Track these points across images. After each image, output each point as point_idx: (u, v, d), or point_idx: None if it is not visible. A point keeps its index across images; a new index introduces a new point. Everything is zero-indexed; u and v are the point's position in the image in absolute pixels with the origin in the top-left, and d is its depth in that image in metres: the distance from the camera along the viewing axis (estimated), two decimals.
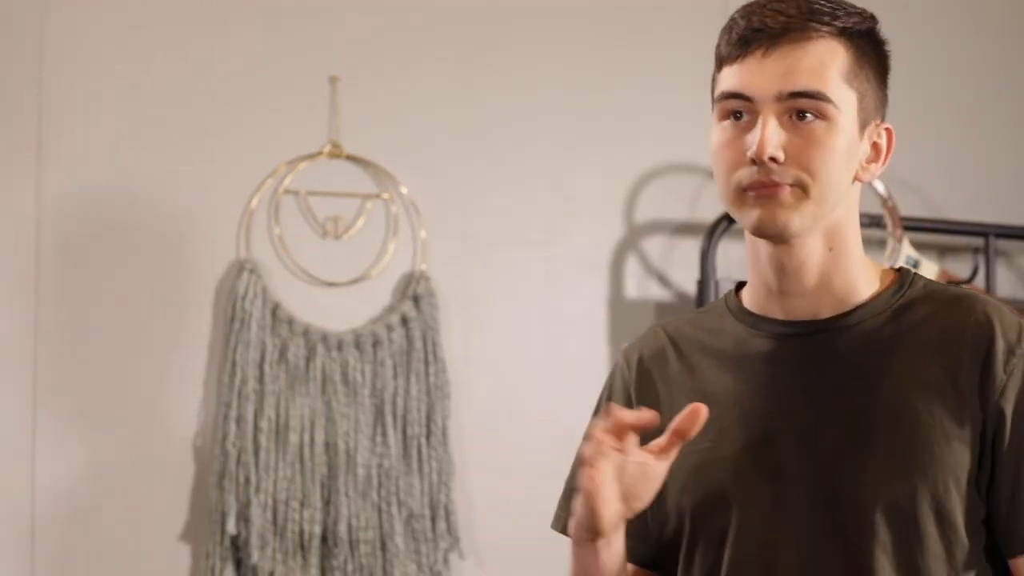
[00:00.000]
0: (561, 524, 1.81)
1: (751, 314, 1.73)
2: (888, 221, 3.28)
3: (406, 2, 3.10)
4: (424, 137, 3.08)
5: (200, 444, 2.89)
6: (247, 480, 2.84)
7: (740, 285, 1.80)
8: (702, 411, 1.58)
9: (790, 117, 1.62)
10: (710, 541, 1.67)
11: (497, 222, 3.13)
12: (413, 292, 3.02)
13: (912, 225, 3.33)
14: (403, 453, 2.96)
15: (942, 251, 3.48)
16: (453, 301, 3.07)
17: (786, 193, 1.61)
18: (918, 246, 3.35)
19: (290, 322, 2.93)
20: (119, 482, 2.84)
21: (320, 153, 3.00)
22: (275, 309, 2.92)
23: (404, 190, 3.05)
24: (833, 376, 1.66)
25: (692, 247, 3.23)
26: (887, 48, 1.72)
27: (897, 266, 1.78)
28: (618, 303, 3.19)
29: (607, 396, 1.83)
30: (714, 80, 1.71)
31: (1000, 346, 1.62)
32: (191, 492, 2.88)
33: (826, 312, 1.68)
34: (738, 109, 1.65)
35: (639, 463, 1.60)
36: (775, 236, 1.64)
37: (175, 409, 2.89)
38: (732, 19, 1.68)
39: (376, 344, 2.97)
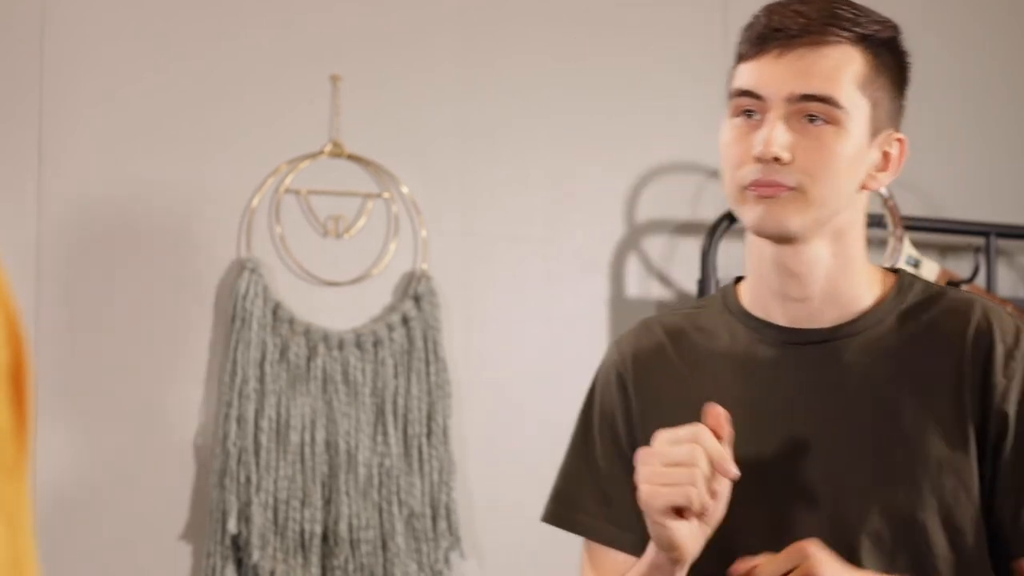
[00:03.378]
0: (563, 521, 1.79)
1: (753, 317, 1.72)
2: (889, 220, 3.28)
3: (406, 2, 3.10)
4: (425, 136, 3.08)
5: (201, 443, 2.89)
6: (248, 479, 2.84)
7: (738, 280, 1.78)
8: (720, 412, 1.57)
9: (800, 119, 1.61)
10: (708, 554, 1.63)
11: (498, 221, 3.13)
12: (414, 291, 3.02)
13: (913, 224, 3.33)
14: (404, 452, 2.96)
15: (943, 250, 3.48)
16: (454, 300, 3.07)
17: (786, 194, 1.60)
18: (919, 245, 3.35)
19: (291, 321, 2.93)
20: (119, 482, 2.84)
21: (321, 152, 3.00)
22: (276, 308, 2.92)
23: (405, 189, 3.05)
24: (838, 387, 1.66)
25: (693, 246, 3.23)
26: (908, 59, 1.72)
27: (896, 267, 1.78)
28: (619, 302, 3.19)
29: (600, 392, 1.80)
30: (730, 75, 1.70)
31: (1000, 351, 1.64)
32: (192, 491, 2.88)
33: (829, 320, 1.68)
34: (749, 107, 1.64)
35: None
36: (775, 235, 1.64)
37: (175, 408, 2.89)
38: (755, 16, 1.67)
39: (377, 343, 2.97)
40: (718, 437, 1.56)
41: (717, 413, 1.56)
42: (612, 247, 3.21)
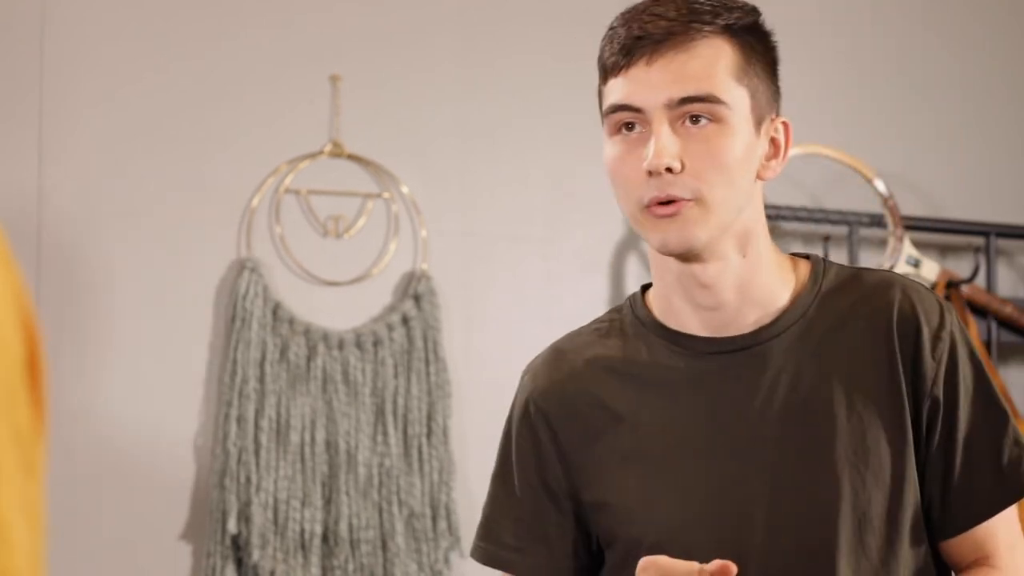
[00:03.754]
0: (487, 557, 1.75)
1: (669, 330, 1.66)
2: (889, 220, 3.28)
3: (406, 2, 3.10)
4: (425, 136, 3.08)
5: (201, 443, 2.89)
6: (248, 479, 2.84)
7: (644, 288, 1.72)
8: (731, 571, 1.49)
9: (683, 123, 1.56)
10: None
11: (498, 221, 3.13)
12: (414, 291, 3.02)
13: (913, 224, 3.33)
14: (404, 452, 2.96)
15: (943, 250, 3.48)
16: (454, 300, 3.07)
17: (687, 209, 1.55)
18: (919, 245, 3.35)
19: (291, 321, 2.93)
20: (119, 482, 2.84)
21: (321, 152, 3.00)
22: (276, 308, 2.92)
23: (405, 189, 3.05)
24: (770, 393, 1.61)
25: None
26: (774, 39, 1.65)
27: (808, 253, 1.74)
28: (619, 302, 3.18)
29: (518, 426, 1.74)
30: (600, 93, 1.64)
31: (926, 334, 1.61)
32: (191, 491, 2.88)
33: (749, 323, 1.63)
34: (629, 121, 1.58)
35: None
36: (683, 253, 1.58)
37: (175, 408, 2.88)
38: (612, 28, 1.62)
39: (377, 343, 2.97)
40: None
41: (728, 572, 1.48)
42: (612, 247, 3.21)
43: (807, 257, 1.70)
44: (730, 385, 1.63)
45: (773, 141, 1.64)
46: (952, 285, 3.32)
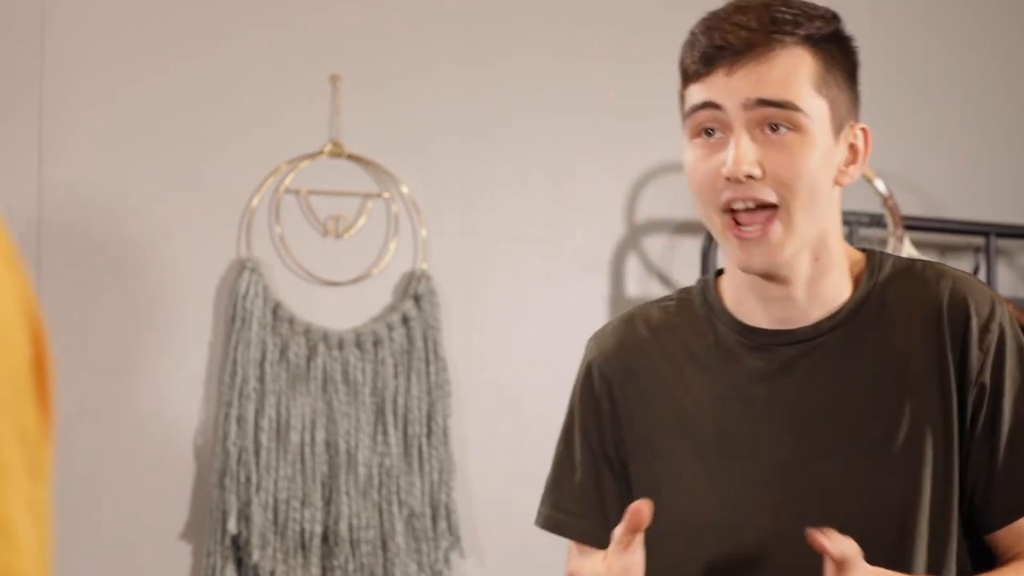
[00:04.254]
0: (546, 521, 1.79)
1: (736, 320, 1.69)
2: (889, 220, 3.27)
3: (406, 2, 3.10)
4: (425, 136, 3.08)
5: (201, 443, 2.89)
6: (248, 479, 2.84)
7: (717, 274, 1.75)
8: (645, 512, 1.53)
9: (762, 131, 1.58)
10: (726, 559, 1.64)
11: (498, 221, 3.13)
12: (414, 291, 3.02)
13: (913, 224, 3.33)
14: (404, 452, 2.96)
15: (943, 250, 3.48)
16: (454, 300, 3.07)
17: (773, 227, 1.58)
18: (919, 245, 3.35)
19: (291, 321, 2.93)
20: (119, 482, 2.84)
21: (321, 152, 3.00)
22: (276, 308, 2.92)
23: (405, 189, 3.05)
24: (825, 384, 1.64)
25: (693, 246, 3.23)
26: (854, 45, 1.68)
27: (863, 246, 1.75)
28: (619, 302, 3.19)
29: (582, 391, 1.77)
30: (681, 96, 1.66)
31: (975, 324, 1.62)
32: (192, 491, 2.88)
33: (812, 317, 1.66)
34: (710, 125, 1.59)
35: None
36: (767, 272, 1.62)
37: (175, 408, 2.89)
38: (693, 34, 1.63)
39: (377, 343, 2.97)
40: (638, 530, 1.53)
41: (635, 513, 1.54)
42: (612, 247, 3.21)
43: (863, 250, 1.72)
44: (789, 377, 1.65)
45: (852, 147, 1.66)
46: None
